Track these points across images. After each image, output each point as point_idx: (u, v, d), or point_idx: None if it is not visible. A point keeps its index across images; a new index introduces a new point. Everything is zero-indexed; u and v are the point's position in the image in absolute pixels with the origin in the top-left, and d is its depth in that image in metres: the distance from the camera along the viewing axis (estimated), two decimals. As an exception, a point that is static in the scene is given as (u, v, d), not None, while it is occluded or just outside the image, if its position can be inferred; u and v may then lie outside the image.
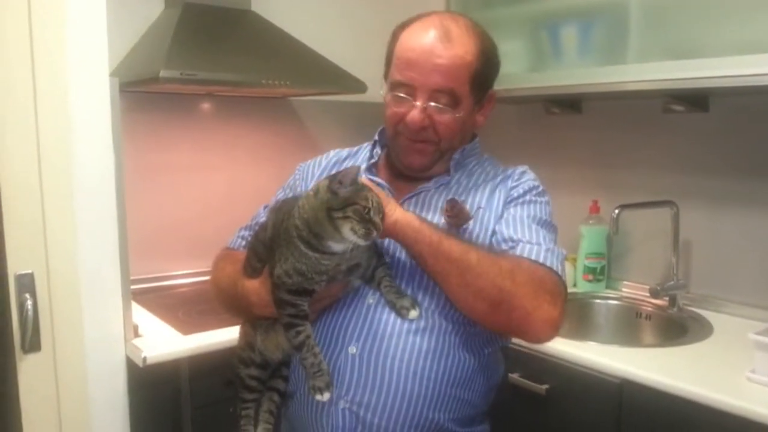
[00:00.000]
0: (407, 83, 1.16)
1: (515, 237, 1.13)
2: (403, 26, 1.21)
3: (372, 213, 1.00)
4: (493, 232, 1.17)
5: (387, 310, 1.13)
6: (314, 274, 1.05)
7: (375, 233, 1.01)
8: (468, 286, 1.06)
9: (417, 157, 1.21)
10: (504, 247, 1.13)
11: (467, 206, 1.16)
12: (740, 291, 1.90)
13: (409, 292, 1.14)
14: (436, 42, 1.14)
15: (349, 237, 1.00)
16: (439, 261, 1.07)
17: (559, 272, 1.11)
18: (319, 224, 1.02)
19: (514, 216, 1.17)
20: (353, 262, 1.08)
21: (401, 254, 1.16)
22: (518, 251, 1.11)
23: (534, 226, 1.16)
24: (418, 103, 1.16)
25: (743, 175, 1.89)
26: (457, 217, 1.14)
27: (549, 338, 1.09)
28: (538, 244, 1.12)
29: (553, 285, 1.09)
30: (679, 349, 1.63)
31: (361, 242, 1.01)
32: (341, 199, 1.00)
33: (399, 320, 1.11)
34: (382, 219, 1.03)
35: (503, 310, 1.06)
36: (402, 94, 1.17)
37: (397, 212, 1.08)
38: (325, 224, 1.01)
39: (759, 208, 1.87)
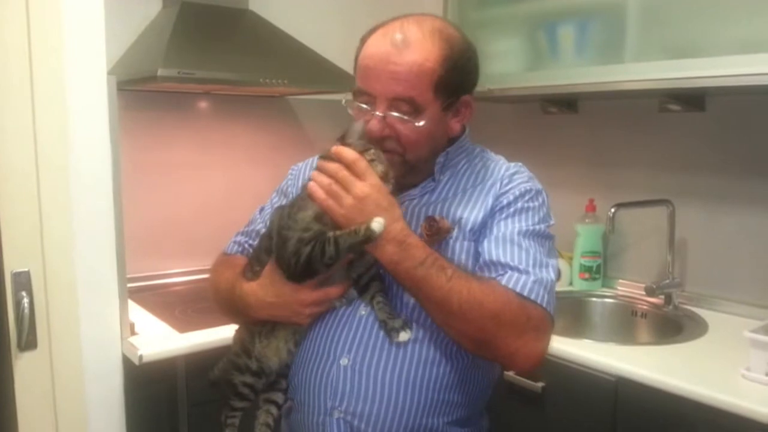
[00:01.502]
0: (367, 92, 1.12)
1: (503, 261, 1.09)
2: (369, 33, 1.17)
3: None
4: (477, 248, 1.13)
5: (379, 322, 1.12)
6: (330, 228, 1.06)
7: (392, 176, 1.06)
8: (450, 327, 1.07)
9: None
10: (492, 273, 1.09)
11: (447, 220, 1.13)
12: (735, 289, 1.91)
13: (398, 301, 1.12)
14: (392, 49, 1.08)
15: None
16: (420, 301, 1.07)
17: (545, 305, 1.07)
18: None
19: (504, 234, 1.12)
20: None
21: None
22: (505, 281, 1.07)
23: (525, 243, 1.10)
24: (378, 113, 1.10)
25: (739, 174, 1.90)
26: (437, 235, 1.12)
27: (533, 370, 1.13)
28: (527, 272, 1.07)
29: (539, 320, 1.07)
30: (674, 347, 1.64)
31: (389, 187, 1.06)
32: (361, 144, 1.06)
33: None
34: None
35: (488, 348, 1.07)
36: (362, 104, 1.13)
37: (377, 253, 1.04)
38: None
39: (754, 206, 1.87)
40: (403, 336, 1.09)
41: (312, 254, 1.04)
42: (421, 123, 1.11)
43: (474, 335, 1.05)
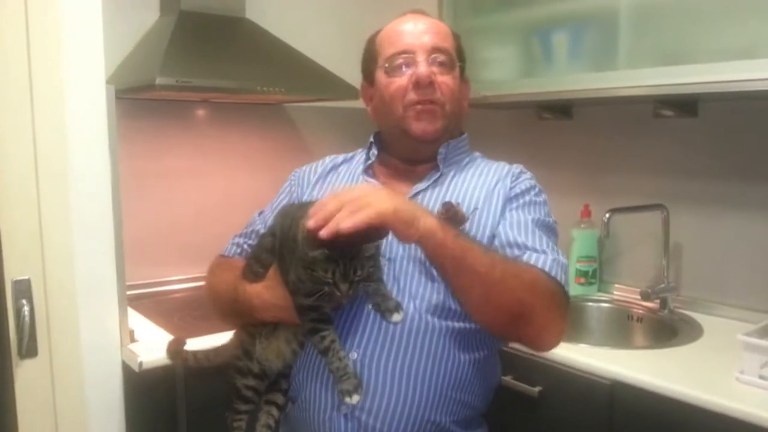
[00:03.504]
0: (405, 50, 1.23)
1: (520, 241, 1.13)
2: (377, 32, 1.31)
3: (337, 280, 0.99)
4: (493, 235, 1.17)
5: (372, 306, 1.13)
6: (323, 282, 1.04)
7: (338, 294, 1.00)
8: (490, 301, 1.07)
9: (430, 120, 1.23)
10: (510, 252, 1.13)
11: (463, 208, 1.16)
12: (730, 293, 1.92)
13: (405, 295, 1.13)
14: (416, 18, 1.27)
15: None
16: (462, 275, 1.06)
17: (564, 284, 1.12)
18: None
19: (518, 220, 1.17)
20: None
21: (396, 256, 1.16)
22: (526, 258, 1.11)
23: (538, 232, 1.16)
24: (421, 59, 1.21)
25: (732, 178, 1.92)
26: (452, 220, 1.13)
27: (553, 348, 1.15)
28: (545, 252, 1.12)
29: (561, 298, 1.11)
30: (669, 350, 1.65)
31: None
32: (309, 260, 0.99)
33: (398, 325, 1.12)
34: (359, 281, 1.01)
35: (521, 323, 1.08)
36: (402, 61, 1.23)
37: (421, 226, 1.01)
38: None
39: (748, 210, 1.89)
40: (396, 317, 1.09)
41: (302, 315, 1.09)
42: (456, 76, 1.25)
43: (513, 307, 1.06)
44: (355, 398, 1.07)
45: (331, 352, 1.07)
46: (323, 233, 0.94)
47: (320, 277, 0.99)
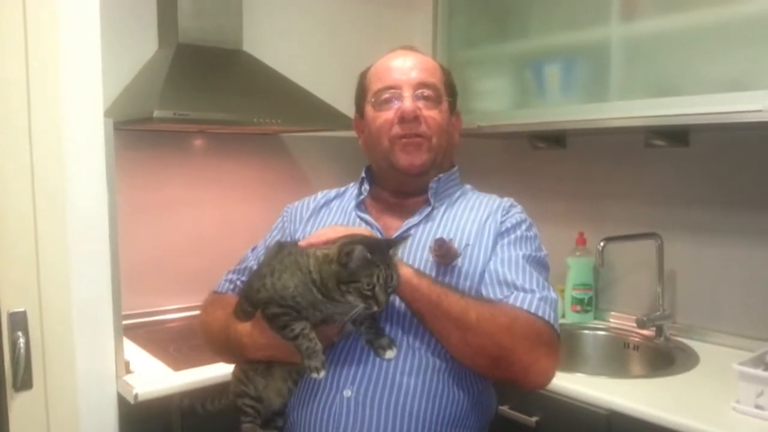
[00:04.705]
0: (391, 85, 1.25)
1: (509, 280, 1.14)
2: (369, 67, 1.33)
3: (377, 289, 1.02)
4: (484, 271, 1.18)
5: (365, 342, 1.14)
6: (310, 308, 1.07)
7: (375, 308, 1.03)
8: (468, 345, 1.09)
9: (416, 154, 1.24)
10: (499, 294, 1.14)
11: (455, 244, 1.18)
12: (725, 320, 1.93)
13: (398, 332, 1.14)
14: (405, 54, 1.29)
15: (354, 304, 1.04)
16: (438, 320, 1.09)
17: (552, 322, 1.12)
18: (329, 289, 1.04)
19: (509, 256, 1.18)
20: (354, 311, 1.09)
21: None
22: (512, 300, 1.12)
23: (528, 268, 1.17)
24: (407, 94, 1.23)
25: (724, 206, 1.94)
26: (445, 257, 1.15)
27: (545, 386, 1.15)
28: (532, 291, 1.13)
29: (548, 336, 1.12)
30: (666, 380, 1.65)
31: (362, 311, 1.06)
32: (347, 273, 1.02)
33: (392, 362, 1.12)
34: (391, 292, 1.05)
35: (502, 365, 1.09)
36: (389, 95, 1.25)
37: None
38: (334, 290, 1.04)
39: (741, 237, 1.91)
40: (389, 353, 1.12)
41: (274, 321, 1.10)
42: (444, 110, 1.27)
43: (491, 350, 1.08)
44: (322, 374, 1.06)
45: (300, 337, 1.07)
46: (301, 243, 1.11)
47: (362, 288, 1.02)
